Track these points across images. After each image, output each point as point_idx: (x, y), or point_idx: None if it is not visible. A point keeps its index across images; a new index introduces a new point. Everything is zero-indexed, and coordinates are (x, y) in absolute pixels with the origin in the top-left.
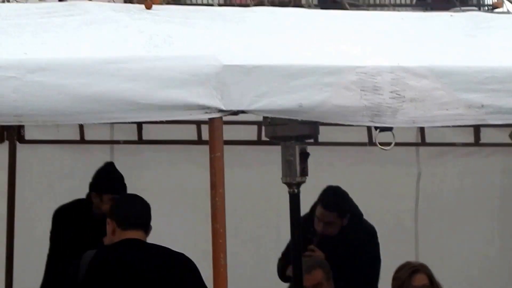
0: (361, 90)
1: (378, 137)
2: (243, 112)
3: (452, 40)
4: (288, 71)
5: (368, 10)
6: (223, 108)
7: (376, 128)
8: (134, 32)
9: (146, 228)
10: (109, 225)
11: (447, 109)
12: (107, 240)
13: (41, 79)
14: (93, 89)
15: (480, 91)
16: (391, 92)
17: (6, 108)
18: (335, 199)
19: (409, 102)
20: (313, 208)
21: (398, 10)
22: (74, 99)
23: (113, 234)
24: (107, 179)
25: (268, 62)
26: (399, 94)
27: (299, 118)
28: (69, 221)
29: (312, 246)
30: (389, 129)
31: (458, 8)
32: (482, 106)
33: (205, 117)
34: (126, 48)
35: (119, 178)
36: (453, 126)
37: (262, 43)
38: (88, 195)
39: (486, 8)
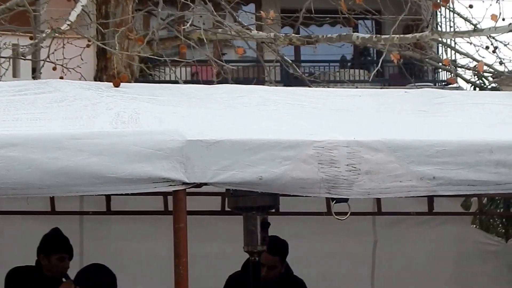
0: (318, 163)
1: (335, 207)
2: (205, 184)
3: (406, 115)
4: (249, 145)
5: (328, 86)
6: (187, 181)
7: (332, 199)
8: (102, 109)
9: None
10: None
11: (400, 181)
12: None
13: (12, 154)
14: (62, 164)
15: (431, 164)
16: (347, 165)
17: None
18: (278, 244)
19: (364, 174)
20: (244, 265)
21: (357, 86)
22: (44, 173)
23: None
24: (53, 241)
25: (229, 137)
26: (355, 167)
27: (260, 190)
28: (22, 282)
29: None
30: (345, 200)
31: (417, 84)
32: (434, 178)
33: (170, 189)
34: (94, 124)
35: (65, 239)
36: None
37: (224, 118)
38: (37, 260)
39: (441, 84)
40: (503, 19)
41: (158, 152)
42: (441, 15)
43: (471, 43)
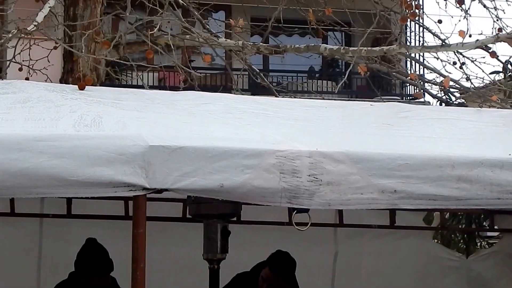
0: (280, 172)
1: (297, 217)
2: (166, 190)
3: (370, 127)
4: (211, 152)
5: (295, 96)
6: (148, 186)
7: (293, 209)
8: (66, 112)
9: None
10: None
11: (361, 193)
12: None
13: None
14: (23, 165)
15: (393, 177)
16: (309, 175)
17: None
18: (283, 264)
19: (326, 185)
20: (257, 266)
21: (324, 97)
22: (4, 174)
23: None
24: (102, 261)
25: (192, 143)
26: (316, 178)
27: (221, 197)
28: None
29: None
30: (306, 210)
31: (383, 97)
32: (395, 191)
33: (130, 194)
34: (56, 127)
35: (108, 259)
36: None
37: (188, 125)
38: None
39: (408, 98)
40: (470, 36)
41: (120, 156)
42: (409, 29)
43: (438, 58)
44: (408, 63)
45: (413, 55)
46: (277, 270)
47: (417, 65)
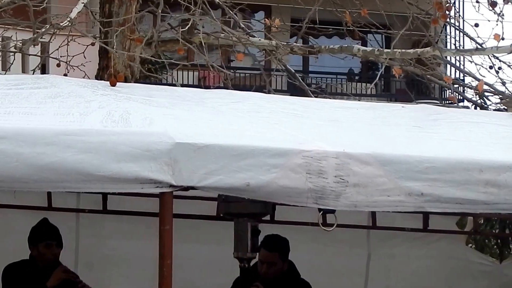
0: (306, 173)
1: (331, 218)
2: (192, 188)
3: (399, 129)
4: (237, 151)
5: (332, 98)
6: (174, 183)
7: (319, 210)
8: (95, 107)
9: None
10: None
11: (388, 196)
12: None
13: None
14: (50, 159)
15: (420, 180)
16: (336, 176)
17: None
18: (276, 241)
19: (352, 187)
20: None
21: (361, 100)
22: (30, 167)
23: None
24: (38, 230)
25: (218, 141)
26: (343, 179)
27: (246, 196)
28: (17, 277)
29: (257, 283)
30: (332, 211)
31: (420, 100)
32: (422, 194)
33: (156, 191)
34: (84, 122)
35: (50, 227)
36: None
37: (215, 123)
38: (30, 254)
39: (447, 102)
40: (502, 39)
41: (146, 153)
42: (449, 34)
43: (472, 62)
44: (448, 67)
45: (448, 58)
46: (273, 247)
47: (453, 68)
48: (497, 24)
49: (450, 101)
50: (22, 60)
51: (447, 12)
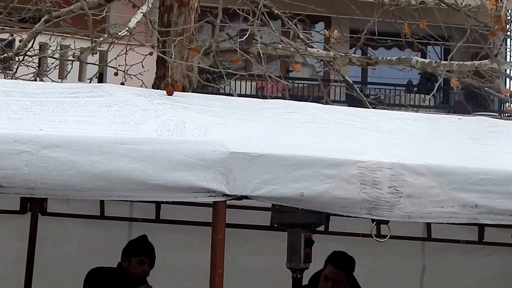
0: (361, 183)
1: (384, 230)
2: (246, 197)
3: (455, 141)
4: (292, 161)
5: (391, 109)
6: (228, 192)
7: (373, 220)
8: (150, 116)
9: None
10: None
11: (442, 207)
12: None
13: (54, 154)
14: (104, 167)
15: (474, 192)
16: (390, 187)
17: (19, 180)
18: (345, 259)
19: (406, 198)
20: (314, 277)
21: (419, 111)
22: (84, 176)
23: None
24: (135, 244)
25: (273, 151)
26: (397, 190)
27: (300, 206)
28: (101, 282)
29: None
30: (386, 222)
31: (478, 112)
32: (476, 206)
33: (210, 200)
34: (139, 131)
35: (148, 245)
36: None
37: (271, 133)
38: (119, 263)
39: (506, 114)
40: None
41: (201, 162)
42: (505, 45)
43: None
44: (507, 80)
45: (507, 71)
46: (341, 265)
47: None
48: None
49: (508, 114)
50: (79, 68)
51: (506, 25)
